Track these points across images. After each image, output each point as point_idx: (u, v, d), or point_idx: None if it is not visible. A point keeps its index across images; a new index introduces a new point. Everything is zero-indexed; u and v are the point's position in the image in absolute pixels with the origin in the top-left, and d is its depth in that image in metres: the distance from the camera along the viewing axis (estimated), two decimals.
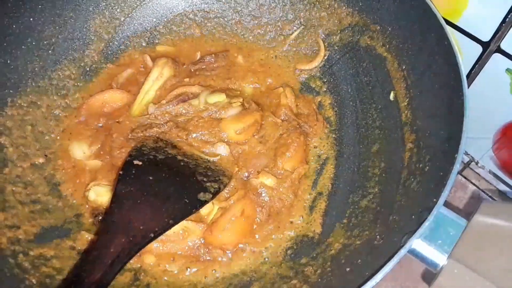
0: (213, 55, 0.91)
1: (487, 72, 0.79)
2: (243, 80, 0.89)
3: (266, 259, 0.72)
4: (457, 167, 0.54)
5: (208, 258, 0.71)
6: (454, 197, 0.94)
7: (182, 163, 0.73)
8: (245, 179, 0.76)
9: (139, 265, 0.70)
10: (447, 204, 0.90)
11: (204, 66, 0.90)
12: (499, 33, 0.73)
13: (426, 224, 0.51)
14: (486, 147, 0.90)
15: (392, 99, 0.77)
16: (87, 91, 0.87)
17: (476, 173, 0.96)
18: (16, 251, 0.65)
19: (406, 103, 0.74)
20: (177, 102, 0.82)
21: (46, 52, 0.83)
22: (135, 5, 0.92)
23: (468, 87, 0.65)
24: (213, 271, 0.70)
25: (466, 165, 0.97)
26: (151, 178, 0.69)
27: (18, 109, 0.78)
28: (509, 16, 0.70)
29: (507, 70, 0.76)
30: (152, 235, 0.60)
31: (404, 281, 0.84)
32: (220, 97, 0.82)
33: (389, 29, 0.78)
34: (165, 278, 0.70)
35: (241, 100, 0.83)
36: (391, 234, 0.60)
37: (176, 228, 0.69)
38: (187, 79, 0.87)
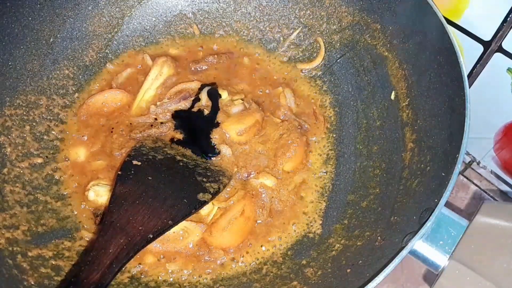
0: (215, 55, 0.90)
1: (488, 71, 0.79)
2: (242, 80, 0.89)
3: (266, 260, 0.72)
4: (458, 167, 0.54)
5: (207, 258, 0.71)
6: (455, 198, 0.94)
7: (181, 163, 0.73)
8: (245, 179, 0.76)
9: (139, 266, 0.70)
10: (448, 205, 0.90)
11: (206, 67, 0.89)
12: (501, 32, 0.72)
13: (428, 224, 0.51)
14: (487, 147, 0.89)
15: (393, 99, 0.77)
16: (87, 90, 0.86)
17: (478, 173, 0.96)
18: (14, 252, 0.65)
19: (407, 103, 0.74)
20: (179, 100, 0.81)
21: (45, 51, 0.83)
22: (134, 5, 0.92)
23: (469, 86, 0.65)
24: (213, 272, 0.70)
25: (468, 165, 0.96)
26: (150, 178, 0.69)
27: (17, 109, 0.78)
28: (510, 16, 0.70)
29: (508, 69, 0.76)
30: (151, 235, 0.60)
31: (405, 282, 0.84)
32: (223, 95, 0.82)
33: (390, 28, 0.78)
34: (165, 278, 0.69)
35: (242, 97, 0.83)
36: (392, 235, 0.60)
37: (176, 228, 0.69)
38: (190, 76, 0.87)
